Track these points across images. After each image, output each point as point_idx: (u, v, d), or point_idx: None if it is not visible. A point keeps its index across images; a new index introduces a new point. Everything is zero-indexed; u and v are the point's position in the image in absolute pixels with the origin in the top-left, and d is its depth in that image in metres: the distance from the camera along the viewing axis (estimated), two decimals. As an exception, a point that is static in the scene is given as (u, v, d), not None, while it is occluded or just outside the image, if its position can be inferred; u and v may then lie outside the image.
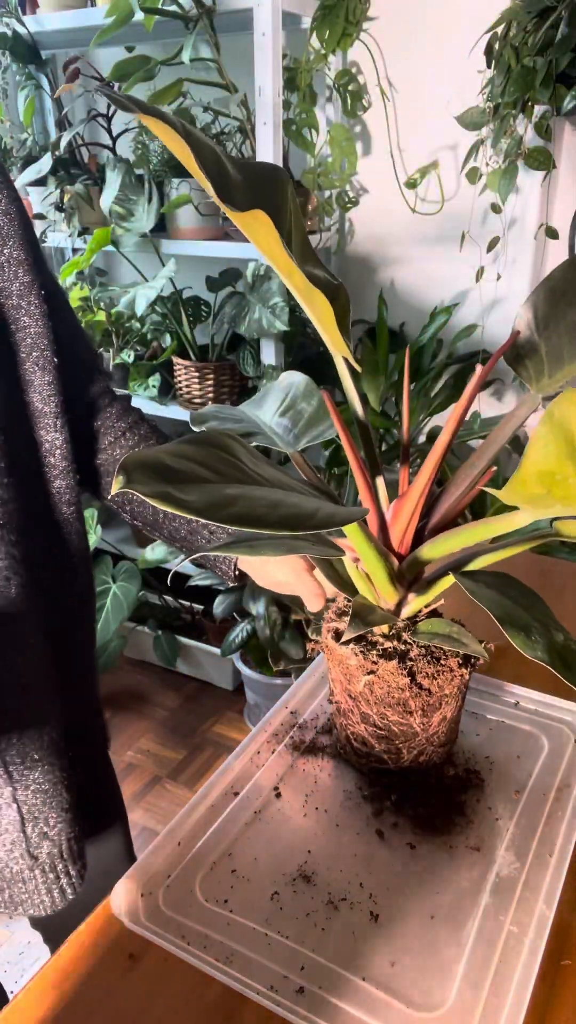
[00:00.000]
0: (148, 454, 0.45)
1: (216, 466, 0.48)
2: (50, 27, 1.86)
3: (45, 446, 0.73)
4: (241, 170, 0.55)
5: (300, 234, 0.61)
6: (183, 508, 0.42)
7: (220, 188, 0.49)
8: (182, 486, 0.44)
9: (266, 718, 0.79)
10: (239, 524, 0.42)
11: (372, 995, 0.53)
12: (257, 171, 0.57)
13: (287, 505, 0.47)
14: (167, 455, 0.46)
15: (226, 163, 0.53)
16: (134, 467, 0.43)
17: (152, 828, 1.75)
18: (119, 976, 0.56)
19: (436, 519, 0.64)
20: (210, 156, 0.51)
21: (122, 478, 0.42)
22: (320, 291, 0.53)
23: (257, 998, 0.53)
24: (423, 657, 0.64)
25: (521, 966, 0.55)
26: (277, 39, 1.55)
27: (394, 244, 1.89)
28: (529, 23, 1.42)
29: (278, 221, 0.56)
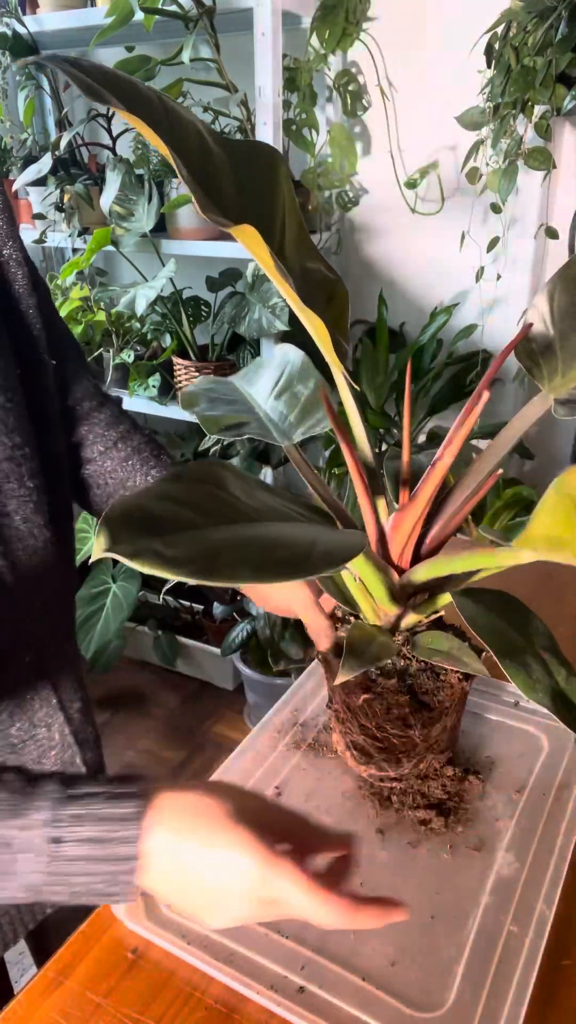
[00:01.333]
0: (131, 503, 0.42)
1: (205, 505, 0.45)
2: (50, 27, 1.86)
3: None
4: (230, 155, 0.51)
5: (295, 222, 0.58)
6: (172, 570, 0.39)
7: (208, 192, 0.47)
8: (169, 538, 0.41)
9: (266, 717, 0.79)
10: (230, 581, 0.40)
11: (372, 995, 0.53)
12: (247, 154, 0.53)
13: (281, 546, 0.44)
14: (152, 499, 0.43)
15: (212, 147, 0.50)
16: (118, 523, 0.40)
17: (152, 828, 1.75)
18: (119, 976, 0.56)
19: (439, 526, 0.63)
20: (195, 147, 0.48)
21: (105, 539, 0.39)
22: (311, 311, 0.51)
23: (257, 998, 0.53)
24: (423, 672, 0.63)
25: (521, 966, 0.55)
26: (277, 39, 1.54)
27: (394, 244, 1.89)
28: (529, 23, 1.42)
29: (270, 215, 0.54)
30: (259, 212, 0.53)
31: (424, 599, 0.63)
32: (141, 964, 0.57)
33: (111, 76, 0.45)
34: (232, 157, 0.51)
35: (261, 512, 0.48)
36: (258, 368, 0.80)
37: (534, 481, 1.85)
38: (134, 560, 0.38)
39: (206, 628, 2.23)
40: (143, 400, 1.97)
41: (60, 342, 0.77)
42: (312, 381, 0.74)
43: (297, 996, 0.53)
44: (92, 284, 2.08)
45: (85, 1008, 0.54)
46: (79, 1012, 0.54)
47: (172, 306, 1.93)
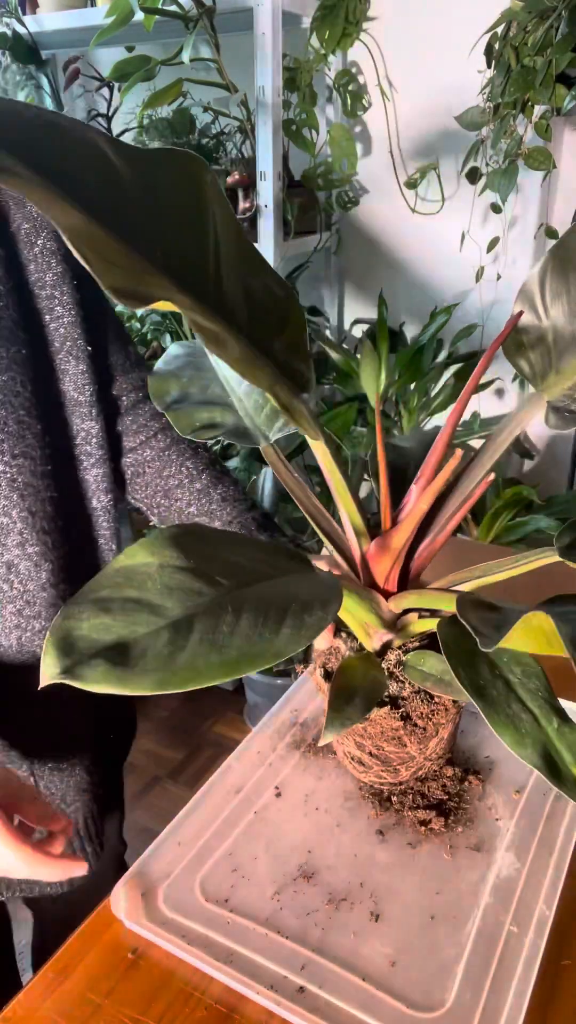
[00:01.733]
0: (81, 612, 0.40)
1: (158, 590, 0.42)
2: (50, 27, 1.86)
3: (81, 435, 0.72)
4: (144, 173, 0.44)
5: (232, 236, 0.50)
6: (129, 686, 0.37)
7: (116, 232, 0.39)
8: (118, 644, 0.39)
9: (267, 717, 0.79)
10: (195, 684, 0.38)
11: (372, 995, 0.53)
12: (163, 167, 0.45)
13: (244, 627, 0.41)
14: (96, 599, 0.41)
15: (120, 168, 0.42)
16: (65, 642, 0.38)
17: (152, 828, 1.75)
18: (119, 976, 0.56)
19: (429, 538, 0.60)
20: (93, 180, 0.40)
21: (53, 662, 0.37)
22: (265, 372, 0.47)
23: (257, 998, 0.53)
24: (416, 695, 0.61)
25: (521, 966, 0.55)
26: (277, 39, 1.54)
27: (394, 244, 1.89)
28: (529, 23, 1.42)
29: (199, 233, 0.47)
30: (183, 238, 0.46)
31: (414, 620, 0.61)
32: (141, 964, 0.57)
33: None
34: (146, 175, 0.44)
35: (227, 581, 0.45)
36: None
37: (534, 481, 1.85)
38: (84, 682, 0.37)
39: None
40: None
41: (107, 333, 0.78)
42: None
43: (297, 996, 0.53)
44: (92, 284, 2.08)
45: (85, 1008, 0.54)
46: (79, 1012, 0.54)
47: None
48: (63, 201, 0.38)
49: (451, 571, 0.61)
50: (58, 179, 0.38)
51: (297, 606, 0.44)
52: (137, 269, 0.41)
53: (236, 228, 0.51)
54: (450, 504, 0.61)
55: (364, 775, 0.68)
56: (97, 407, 0.72)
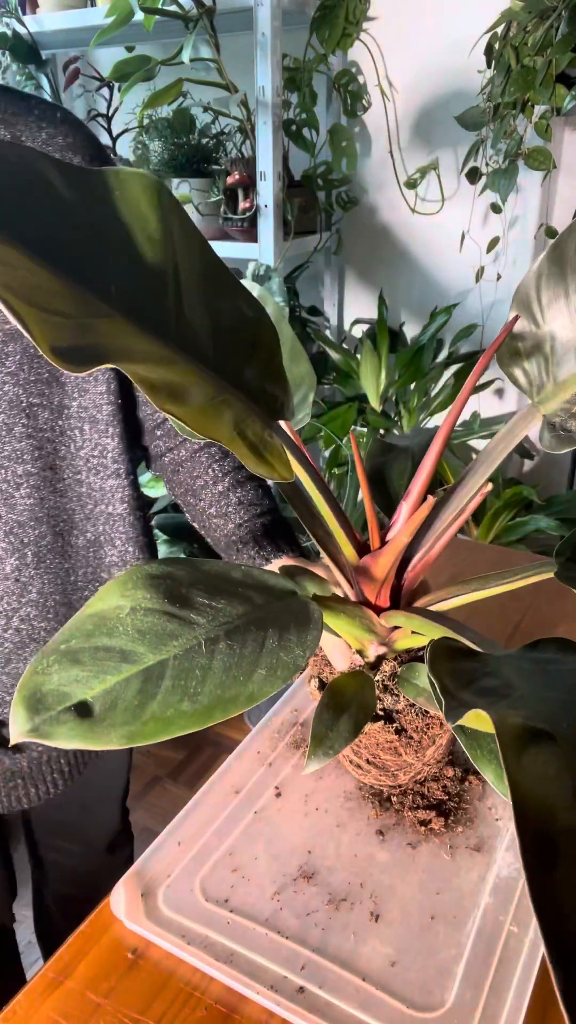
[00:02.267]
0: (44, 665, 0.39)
1: (129, 635, 0.42)
2: (50, 27, 1.86)
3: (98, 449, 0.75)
4: (90, 196, 0.40)
5: (195, 255, 0.46)
6: (96, 741, 0.37)
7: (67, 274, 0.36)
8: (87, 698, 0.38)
9: (267, 717, 0.79)
10: (164, 737, 0.38)
11: (372, 995, 0.53)
12: (112, 190, 0.41)
13: (217, 670, 0.40)
14: (66, 651, 0.40)
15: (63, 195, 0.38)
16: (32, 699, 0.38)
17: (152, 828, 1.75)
18: (119, 976, 0.56)
19: (423, 550, 0.59)
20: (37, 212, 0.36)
21: (23, 720, 0.37)
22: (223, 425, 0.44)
23: (257, 998, 0.53)
24: (411, 708, 0.61)
25: (521, 966, 0.55)
26: (277, 39, 1.54)
27: (394, 244, 1.89)
28: (529, 23, 1.42)
29: (159, 260, 0.44)
30: (140, 269, 0.42)
31: (407, 634, 0.60)
32: (141, 964, 0.57)
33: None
34: (95, 202, 0.40)
35: (201, 619, 0.44)
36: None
37: (534, 481, 1.85)
38: (52, 740, 0.37)
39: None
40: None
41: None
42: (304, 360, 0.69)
43: (297, 996, 0.53)
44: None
45: (85, 1008, 0.54)
46: (79, 1012, 0.54)
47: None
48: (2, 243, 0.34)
49: (450, 571, 0.60)
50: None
51: (273, 643, 0.43)
52: (86, 313, 0.38)
53: (200, 247, 0.47)
54: (445, 516, 0.59)
55: (363, 777, 0.68)
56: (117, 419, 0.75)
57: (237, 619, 0.45)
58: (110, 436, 0.75)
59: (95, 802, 1.00)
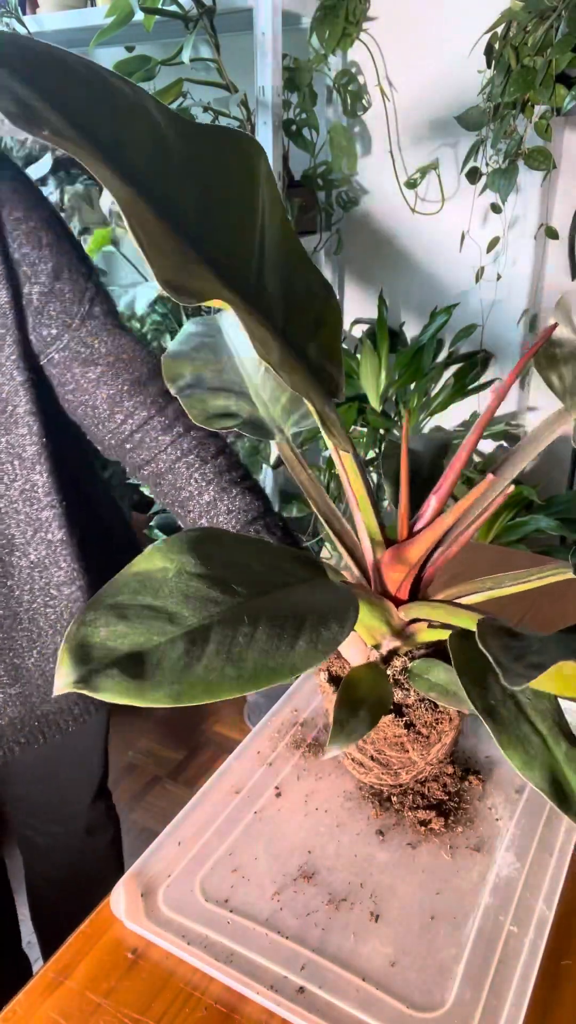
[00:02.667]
0: (91, 618, 0.40)
1: (175, 597, 0.42)
2: (50, 27, 1.86)
3: (28, 483, 0.78)
4: (196, 150, 0.42)
5: (278, 225, 0.49)
6: (145, 698, 0.37)
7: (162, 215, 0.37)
8: (134, 653, 0.39)
9: (267, 717, 0.79)
10: (209, 700, 0.38)
11: (372, 995, 0.53)
12: (217, 147, 0.43)
13: (261, 639, 0.41)
14: (113, 605, 0.41)
15: (172, 143, 0.40)
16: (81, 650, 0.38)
17: (152, 828, 1.75)
18: (119, 976, 0.56)
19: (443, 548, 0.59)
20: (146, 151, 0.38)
21: (69, 670, 0.37)
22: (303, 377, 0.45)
23: (257, 998, 0.53)
24: (421, 703, 0.61)
25: (521, 966, 0.55)
26: (277, 39, 1.54)
27: (394, 244, 1.89)
28: (529, 23, 1.42)
29: (247, 222, 0.46)
30: (231, 229, 0.44)
31: (423, 628, 0.61)
32: (141, 964, 0.57)
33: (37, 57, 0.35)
34: (198, 154, 0.42)
35: (243, 588, 0.44)
36: None
37: (535, 481, 1.85)
38: (98, 692, 0.37)
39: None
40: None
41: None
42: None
43: (297, 996, 0.53)
44: (92, 284, 2.08)
45: (85, 1008, 0.54)
46: (79, 1012, 0.54)
47: (172, 306, 1.93)
48: (113, 173, 0.36)
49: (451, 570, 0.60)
50: (109, 149, 0.36)
51: (314, 619, 0.43)
52: (184, 260, 0.39)
53: (283, 218, 0.49)
54: (468, 514, 0.59)
55: (364, 776, 0.68)
56: (43, 463, 0.78)
57: (278, 590, 0.45)
58: (39, 472, 0.78)
59: (68, 783, 1.02)
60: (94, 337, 0.77)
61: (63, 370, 0.78)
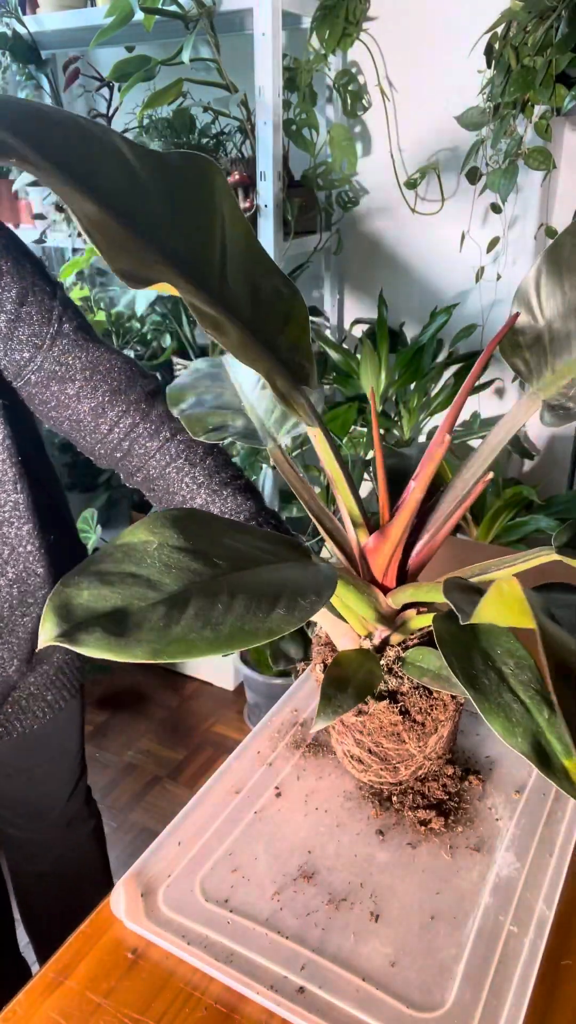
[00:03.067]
0: (81, 580, 0.42)
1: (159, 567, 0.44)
2: (50, 27, 1.86)
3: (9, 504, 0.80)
4: (161, 175, 0.47)
5: (241, 234, 0.53)
6: (123, 653, 0.39)
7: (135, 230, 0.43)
8: (120, 615, 0.41)
9: (267, 717, 0.79)
10: (186, 657, 0.40)
11: (372, 995, 0.53)
12: (179, 168, 0.49)
13: (239, 606, 0.43)
14: (97, 571, 0.42)
15: (139, 172, 0.46)
16: (63, 607, 0.40)
17: (152, 828, 1.75)
18: (119, 976, 0.56)
19: (427, 536, 0.61)
20: (121, 183, 0.44)
21: (52, 626, 0.39)
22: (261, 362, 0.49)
23: (257, 998, 0.53)
24: (415, 690, 0.62)
25: (521, 966, 0.55)
26: (277, 39, 1.54)
27: (394, 244, 1.89)
28: (529, 23, 1.42)
29: (208, 235, 0.50)
30: (195, 239, 0.49)
31: (412, 616, 0.62)
32: (141, 964, 0.57)
33: (14, 112, 0.41)
34: (161, 176, 0.47)
35: (225, 563, 0.46)
36: None
37: (534, 481, 1.85)
38: (80, 646, 0.38)
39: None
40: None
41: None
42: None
43: (297, 996, 0.53)
44: (92, 284, 2.08)
45: (85, 1008, 0.54)
46: (79, 1012, 0.54)
47: (172, 306, 1.93)
48: (81, 194, 0.41)
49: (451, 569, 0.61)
50: (80, 176, 0.42)
51: (291, 591, 0.45)
52: (145, 258, 0.43)
53: (245, 229, 0.53)
54: (447, 502, 0.61)
55: (364, 774, 0.68)
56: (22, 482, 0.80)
57: (260, 566, 0.48)
58: (19, 492, 0.80)
59: (45, 777, 1.02)
60: (67, 354, 0.78)
61: (42, 389, 0.79)
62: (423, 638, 0.64)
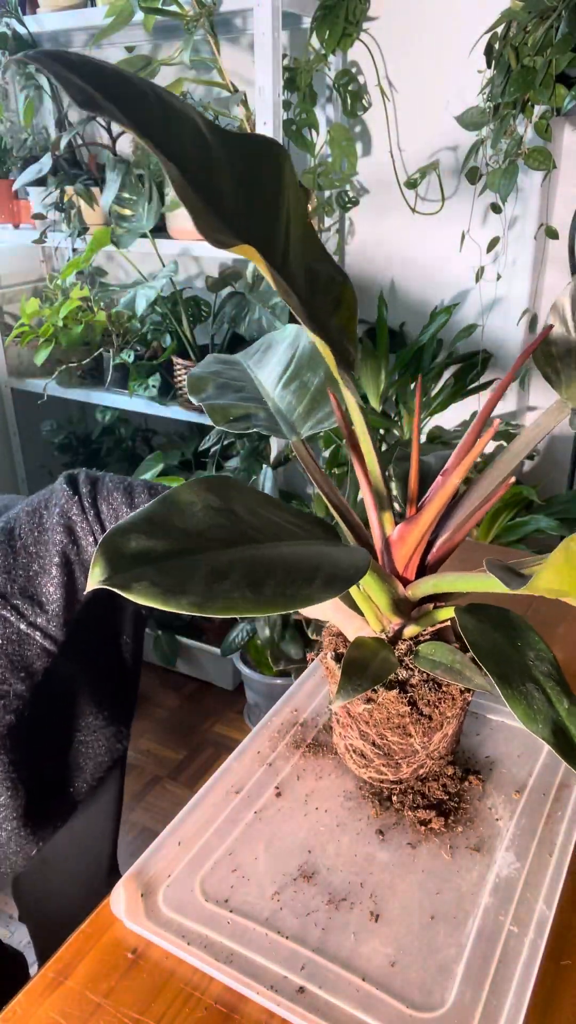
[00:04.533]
0: (127, 528, 0.42)
1: (203, 529, 0.45)
2: (50, 27, 1.86)
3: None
4: (231, 152, 0.49)
5: (301, 221, 0.56)
6: (170, 602, 0.39)
7: (205, 200, 0.44)
8: (165, 565, 0.41)
9: (267, 717, 0.79)
10: (227, 613, 0.40)
11: (372, 995, 0.53)
12: (250, 151, 0.51)
13: (281, 571, 0.44)
14: (149, 524, 0.43)
15: (213, 146, 0.47)
16: (114, 552, 0.40)
17: (152, 828, 1.75)
18: (119, 976, 0.56)
19: (447, 534, 0.62)
20: (194, 150, 0.45)
21: (101, 570, 0.39)
22: (318, 336, 0.50)
23: (257, 998, 0.53)
24: (425, 683, 0.62)
25: (521, 966, 0.55)
26: (277, 39, 1.54)
27: (394, 244, 1.89)
28: (529, 23, 1.42)
29: (275, 216, 0.52)
30: (262, 216, 0.51)
31: (428, 610, 0.62)
32: (141, 964, 0.57)
33: (100, 73, 0.43)
34: (233, 155, 0.49)
35: (262, 531, 0.48)
36: (268, 348, 0.79)
37: (534, 481, 1.85)
38: (129, 592, 0.39)
39: (206, 628, 2.23)
40: (143, 400, 1.97)
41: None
42: (322, 370, 0.73)
43: (297, 996, 0.53)
44: (92, 284, 2.08)
45: (85, 1008, 0.54)
46: (79, 1012, 0.54)
47: (172, 306, 1.93)
48: (162, 153, 0.43)
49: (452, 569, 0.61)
50: (161, 140, 0.44)
51: (329, 563, 0.46)
52: (220, 225, 0.45)
53: (305, 215, 0.56)
54: (468, 503, 0.62)
55: (365, 770, 0.69)
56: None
57: (296, 540, 0.49)
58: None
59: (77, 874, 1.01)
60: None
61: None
62: (434, 636, 0.65)
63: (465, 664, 0.59)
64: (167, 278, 1.72)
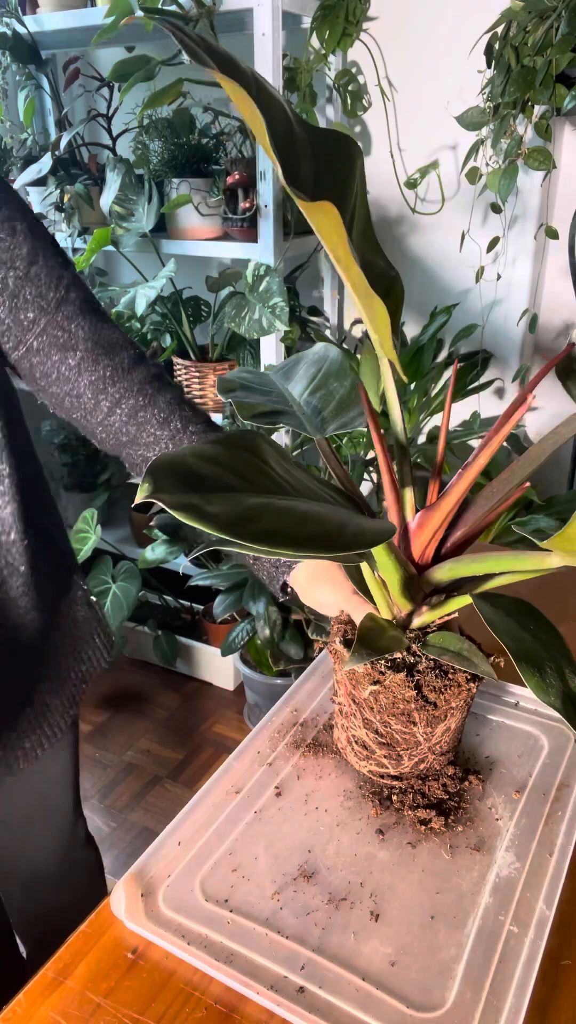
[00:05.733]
0: (176, 457, 0.45)
1: (244, 471, 0.48)
2: (50, 27, 1.86)
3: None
4: (312, 140, 0.52)
5: (363, 214, 0.59)
6: (209, 524, 0.41)
7: (288, 169, 0.47)
8: (208, 495, 0.43)
9: (267, 717, 0.79)
10: (265, 543, 0.42)
11: (372, 995, 0.53)
12: (328, 141, 0.54)
13: (314, 521, 0.46)
14: (194, 458, 0.46)
15: (296, 130, 0.51)
16: (162, 473, 0.43)
17: (152, 828, 1.75)
18: (119, 976, 0.56)
19: (461, 531, 0.63)
20: (281, 125, 0.49)
21: (148, 485, 0.42)
22: (378, 297, 0.52)
23: (257, 998, 0.53)
24: (431, 670, 0.64)
25: (521, 966, 0.55)
26: (277, 39, 1.55)
27: (394, 244, 1.89)
28: (529, 23, 1.42)
29: (344, 203, 0.55)
30: (333, 199, 0.53)
31: (439, 600, 0.64)
32: (141, 964, 0.57)
33: (211, 45, 0.47)
34: (313, 141, 0.52)
35: (296, 488, 0.50)
36: (296, 363, 0.80)
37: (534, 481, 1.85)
38: (176, 510, 0.41)
39: (206, 628, 2.23)
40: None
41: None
42: (349, 380, 0.75)
43: (297, 996, 0.53)
44: (92, 284, 2.08)
45: (85, 1008, 0.54)
46: (79, 1012, 0.54)
47: (172, 306, 1.93)
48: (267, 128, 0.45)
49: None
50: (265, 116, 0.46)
51: (356, 523, 0.48)
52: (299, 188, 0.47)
53: (367, 211, 0.60)
54: (482, 499, 0.63)
55: (366, 762, 0.69)
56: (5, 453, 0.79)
57: (324, 501, 0.52)
58: (2, 462, 0.79)
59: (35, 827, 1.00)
60: (71, 321, 0.77)
61: (43, 358, 0.77)
62: (441, 627, 0.67)
63: (472, 651, 0.61)
64: (167, 278, 1.72)
